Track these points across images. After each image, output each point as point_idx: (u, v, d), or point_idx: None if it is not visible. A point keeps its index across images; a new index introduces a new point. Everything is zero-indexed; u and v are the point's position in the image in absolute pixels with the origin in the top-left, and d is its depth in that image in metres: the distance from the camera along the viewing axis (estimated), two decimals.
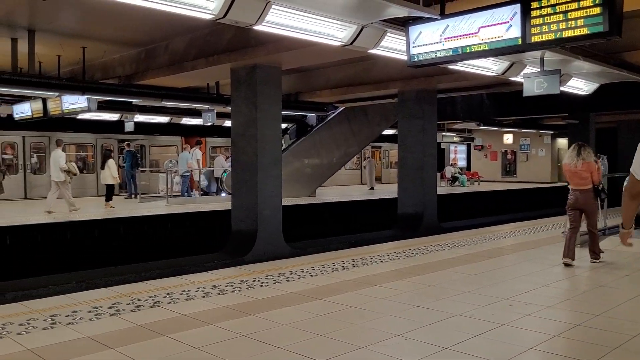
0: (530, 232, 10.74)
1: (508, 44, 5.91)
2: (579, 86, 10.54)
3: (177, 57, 10.59)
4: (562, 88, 8.77)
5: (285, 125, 18.87)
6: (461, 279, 6.54)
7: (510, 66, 8.73)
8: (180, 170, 16.64)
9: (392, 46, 7.23)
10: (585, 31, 5.33)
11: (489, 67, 8.63)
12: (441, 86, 13.45)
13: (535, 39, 5.68)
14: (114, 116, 17.24)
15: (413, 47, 6.71)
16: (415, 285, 6.19)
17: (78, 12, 8.99)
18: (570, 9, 5.39)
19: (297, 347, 4.10)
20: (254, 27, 5.94)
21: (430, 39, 6.52)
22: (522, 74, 8.89)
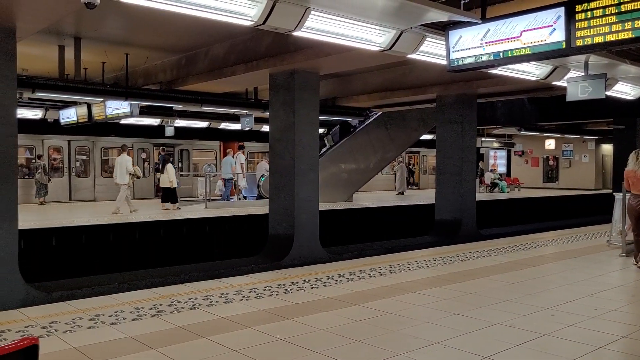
0: (573, 240, 10.47)
1: (551, 47, 5.81)
2: (625, 90, 10.24)
3: (216, 63, 10.75)
4: (607, 92, 8.54)
5: (322, 131, 18.90)
6: (501, 287, 6.42)
7: (553, 70, 8.56)
8: (223, 174, 16.93)
9: (431, 51, 7.18)
10: (631, 34, 5.20)
11: (531, 71, 8.48)
12: (481, 91, 13.26)
13: (579, 42, 5.57)
14: (154, 121, 17.64)
15: (453, 51, 6.65)
16: (453, 292, 6.11)
17: (122, 20, 9.23)
18: (616, 12, 5.26)
19: (334, 352, 4.10)
20: (293, 33, 5.99)
21: (470, 44, 6.45)
22: (565, 78, 8.71)
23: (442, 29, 6.82)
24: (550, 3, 5.81)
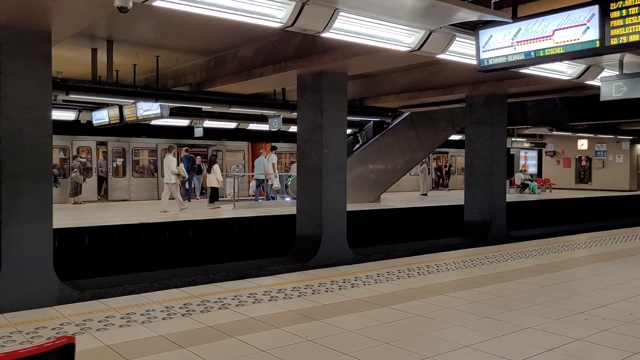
0: (607, 242, 10.24)
1: (585, 47, 5.69)
2: None
3: (245, 64, 10.83)
4: None
5: (350, 132, 18.87)
6: (532, 290, 6.32)
7: (587, 69, 8.38)
8: (256, 175, 17.11)
9: (460, 51, 7.11)
10: None
11: (563, 70, 8.32)
12: (511, 90, 13.06)
13: (614, 41, 5.44)
14: (184, 122, 17.86)
15: (483, 51, 6.57)
16: (483, 295, 6.04)
17: (152, 23, 9.38)
18: None
19: (363, 354, 4.09)
20: (322, 35, 5.99)
21: (501, 43, 6.36)
22: (599, 77, 8.52)
23: (472, 28, 6.73)
24: (583, 1, 5.69)
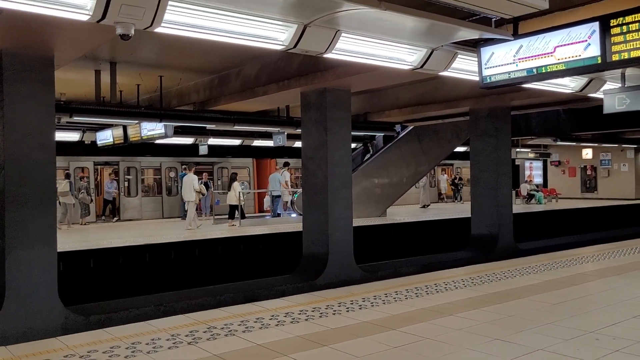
0: (615, 255, 10.14)
1: (587, 63, 5.69)
2: None
3: (248, 83, 10.86)
4: None
5: (354, 146, 18.89)
6: (542, 308, 6.24)
7: (589, 83, 8.37)
8: (270, 190, 17.23)
9: (463, 67, 7.11)
10: None
11: (565, 84, 8.31)
12: (514, 103, 13.04)
13: (615, 57, 5.44)
14: (188, 140, 17.92)
15: (485, 68, 6.57)
16: (492, 315, 5.97)
17: (156, 45, 9.41)
18: None
19: None
20: (324, 55, 6.00)
21: (503, 60, 6.37)
22: (601, 90, 8.50)
23: (474, 45, 6.74)
24: (583, 18, 5.69)
